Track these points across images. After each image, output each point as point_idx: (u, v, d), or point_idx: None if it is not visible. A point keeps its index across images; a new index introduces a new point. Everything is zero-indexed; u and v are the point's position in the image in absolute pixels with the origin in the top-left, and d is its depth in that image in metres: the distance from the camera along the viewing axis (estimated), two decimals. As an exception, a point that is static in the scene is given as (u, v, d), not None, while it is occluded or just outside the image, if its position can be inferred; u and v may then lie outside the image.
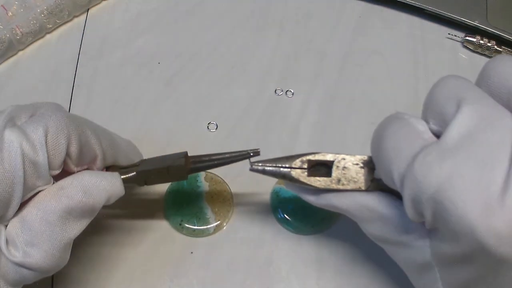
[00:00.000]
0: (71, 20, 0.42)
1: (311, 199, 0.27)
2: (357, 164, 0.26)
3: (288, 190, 0.33)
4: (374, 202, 0.24)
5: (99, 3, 0.43)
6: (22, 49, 0.40)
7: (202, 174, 0.34)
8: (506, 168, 0.18)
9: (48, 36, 0.42)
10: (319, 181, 0.26)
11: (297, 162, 0.27)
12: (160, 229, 0.33)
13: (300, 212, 0.32)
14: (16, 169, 0.23)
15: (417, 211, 0.21)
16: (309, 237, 0.32)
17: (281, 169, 0.27)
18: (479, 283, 0.20)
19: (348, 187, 0.25)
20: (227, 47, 0.40)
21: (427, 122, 0.22)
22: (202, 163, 0.28)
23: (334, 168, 0.26)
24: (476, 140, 0.19)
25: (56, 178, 0.25)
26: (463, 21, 0.41)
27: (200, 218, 0.32)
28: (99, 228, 0.33)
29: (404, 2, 0.42)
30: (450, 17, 0.41)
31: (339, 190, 0.26)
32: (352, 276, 0.31)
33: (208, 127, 0.36)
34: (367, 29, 0.42)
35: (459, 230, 0.18)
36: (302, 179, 0.26)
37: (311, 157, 0.26)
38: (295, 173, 0.26)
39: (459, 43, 0.41)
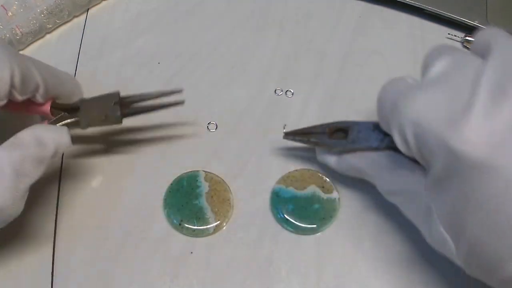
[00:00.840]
0: (71, 20, 0.42)
1: (332, 163, 0.31)
2: (369, 127, 0.30)
3: (288, 190, 0.33)
4: (384, 158, 0.29)
5: (99, 3, 0.43)
6: (22, 49, 0.40)
7: (202, 174, 0.34)
8: (470, 92, 0.21)
9: (48, 36, 0.42)
10: (333, 143, 0.31)
11: (318, 127, 0.32)
12: (160, 229, 0.33)
13: (300, 212, 0.32)
14: None
15: (403, 138, 0.24)
16: (309, 237, 0.32)
17: (307, 134, 0.32)
18: (464, 206, 0.21)
19: (362, 146, 0.30)
20: (227, 47, 0.40)
21: None
22: (135, 108, 0.32)
23: (349, 131, 0.31)
24: (448, 76, 0.23)
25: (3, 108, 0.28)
26: (463, 21, 0.41)
27: (200, 218, 0.32)
28: (98, 228, 0.33)
29: (404, 2, 0.42)
30: (450, 17, 0.41)
31: (354, 149, 0.30)
32: (352, 276, 0.31)
33: (208, 127, 0.36)
34: (367, 29, 0.42)
35: (436, 144, 0.22)
36: (324, 141, 0.31)
37: (332, 124, 0.32)
38: (317, 136, 0.32)
39: (459, 43, 0.41)
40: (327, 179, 0.33)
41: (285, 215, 0.32)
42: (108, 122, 0.32)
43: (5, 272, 0.32)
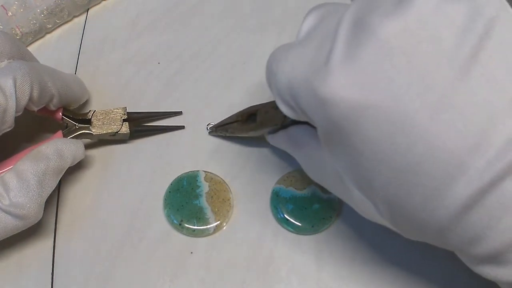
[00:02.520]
0: (71, 20, 0.42)
1: (269, 141, 0.32)
2: (274, 107, 0.30)
3: (288, 190, 0.33)
4: (289, 135, 0.29)
5: (99, 3, 0.43)
6: (22, 49, 0.40)
7: (202, 174, 0.34)
8: (331, 40, 0.21)
9: (48, 36, 0.42)
10: (246, 129, 0.32)
11: (233, 117, 0.33)
12: (160, 229, 0.33)
13: (300, 212, 0.32)
14: None
15: (285, 102, 0.24)
16: (309, 237, 0.32)
17: (224, 126, 0.34)
18: (358, 159, 0.21)
19: (267, 128, 0.31)
20: (227, 47, 0.40)
21: None
22: (142, 128, 0.36)
23: (257, 114, 0.32)
24: (315, 30, 0.23)
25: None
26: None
27: (200, 218, 0.32)
28: (98, 228, 0.33)
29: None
30: None
31: (261, 129, 0.31)
32: (352, 276, 0.31)
33: (207, 127, 0.36)
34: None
35: (309, 100, 0.21)
36: (238, 130, 0.33)
37: (243, 111, 0.33)
38: (232, 126, 0.33)
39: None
40: (327, 179, 0.33)
41: (285, 215, 0.32)
42: (116, 138, 0.35)
43: (5, 271, 0.32)
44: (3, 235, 0.28)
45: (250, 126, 0.32)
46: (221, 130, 0.35)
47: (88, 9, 0.43)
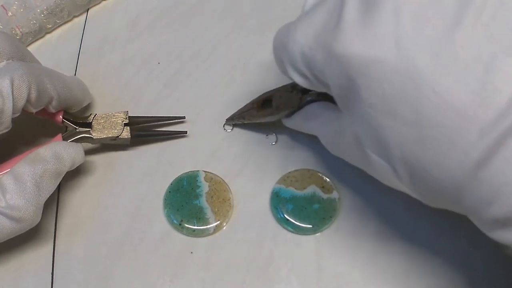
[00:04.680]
0: (71, 20, 0.42)
1: (285, 124, 0.33)
2: (288, 90, 0.31)
3: (288, 190, 0.33)
4: (307, 113, 0.30)
5: (99, 3, 0.43)
6: (22, 49, 0.40)
7: (202, 174, 0.34)
8: (340, 9, 0.22)
9: (48, 36, 0.42)
10: (263, 114, 0.33)
11: (249, 105, 0.34)
12: (160, 229, 0.33)
13: (300, 212, 0.32)
14: None
15: (299, 72, 0.25)
16: (309, 237, 0.32)
17: (241, 114, 0.34)
18: (376, 118, 0.21)
19: (284, 112, 0.31)
20: (227, 47, 0.40)
21: None
22: (143, 133, 0.35)
23: (273, 100, 0.32)
24: (319, 4, 0.24)
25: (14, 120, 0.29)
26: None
27: (200, 218, 0.32)
28: (98, 228, 0.33)
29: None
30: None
31: (278, 113, 0.32)
32: (352, 276, 0.31)
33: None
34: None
35: (323, 61, 0.22)
36: (255, 117, 0.33)
37: (258, 97, 0.33)
38: (249, 113, 0.34)
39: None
40: (327, 179, 0.33)
41: (285, 215, 0.32)
42: (117, 143, 0.35)
43: (5, 272, 0.32)
44: (0, 238, 0.28)
45: (266, 111, 0.33)
46: (238, 118, 0.35)
47: (88, 9, 0.43)
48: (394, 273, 0.31)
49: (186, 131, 0.36)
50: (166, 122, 0.36)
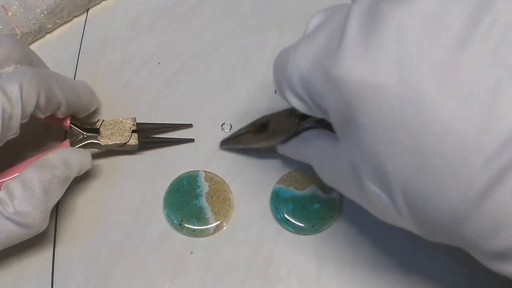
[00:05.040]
0: (71, 20, 0.42)
1: (279, 151, 0.32)
2: (286, 115, 0.30)
3: (288, 190, 0.33)
4: (303, 140, 0.29)
5: (99, 3, 0.43)
6: (22, 49, 0.40)
7: (202, 174, 0.34)
8: (342, 28, 0.21)
9: (48, 36, 0.42)
10: (258, 139, 0.32)
11: (245, 128, 0.33)
12: (160, 229, 0.33)
13: (300, 212, 0.32)
14: None
15: (297, 96, 0.24)
16: (309, 237, 0.32)
17: (236, 138, 0.34)
18: (374, 144, 0.21)
19: (280, 137, 0.30)
20: (227, 47, 0.40)
21: None
22: (151, 139, 0.35)
23: (269, 124, 0.31)
24: (323, 25, 0.23)
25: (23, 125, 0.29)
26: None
27: (200, 218, 0.32)
28: (99, 228, 0.33)
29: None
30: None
31: (274, 138, 0.31)
32: (352, 276, 0.31)
33: (207, 127, 0.36)
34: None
35: (321, 84, 0.22)
36: (246, 142, 0.33)
37: (255, 121, 0.32)
38: (244, 137, 0.33)
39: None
40: (327, 179, 0.33)
41: (285, 215, 0.32)
42: (125, 149, 0.35)
43: (5, 272, 0.32)
44: (7, 243, 0.28)
45: (262, 136, 0.32)
46: (233, 142, 0.34)
47: (88, 9, 0.43)
48: (394, 273, 0.31)
49: (193, 139, 0.36)
50: (174, 129, 0.36)
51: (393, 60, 0.19)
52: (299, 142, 0.30)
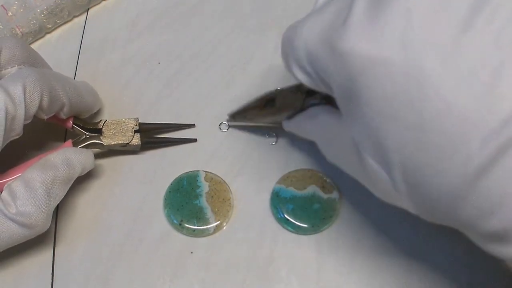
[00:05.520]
0: (71, 20, 0.42)
1: (284, 127, 0.33)
2: (292, 91, 0.30)
3: (288, 190, 0.33)
4: (309, 117, 0.30)
5: (99, 3, 0.43)
6: (22, 49, 0.40)
7: (202, 174, 0.34)
8: (349, 8, 0.22)
9: (48, 36, 0.42)
10: (265, 114, 0.32)
11: (252, 103, 0.33)
12: (160, 229, 0.33)
13: (300, 212, 0.32)
14: (0, 125, 0.27)
15: (302, 69, 0.25)
16: (309, 237, 0.32)
17: (243, 112, 0.33)
18: (376, 119, 0.21)
19: (286, 112, 0.31)
20: (227, 47, 0.40)
21: None
22: (153, 139, 0.35)
23: (276, 100, 0.31)
24: (328, 4, 0.24)
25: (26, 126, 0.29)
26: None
27: (200, 218, 0.32)
28: (99, 228, 0.33)
29: None
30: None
31: (280, 114, 0.32)
32: (352, 276, 0.31)
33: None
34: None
35: (326, 57, 0.22)
36: (253, 116, 0.33)
37: (262, 96, 0.32)
38: (251, 112, 0.33)
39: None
40: (327, 179, 0.33)
41: (285, 215, 0.32)
42: (127, 149, 0.35)
43: (5, 272, 0.32)
44: (9, 244, 0.28)
45: (269, 111, 0.32)
46: (240, 117, 0.34)
47: (88, 9, 0.43)
48: (394, 273, 0.31)
49: (196, 139, 0.36)
50: (176, 129, 0.36)
51: (398, 37, 0.20)
52: (305, 118, 0.30)
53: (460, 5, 0.19)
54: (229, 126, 0.36)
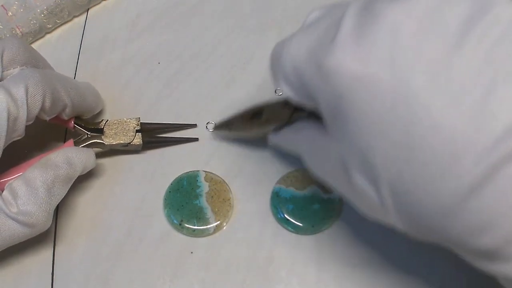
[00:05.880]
0: (71, 20, 0.42)
1: (270, 140, 0.32)
2: (281, 105, 0.30)
3: (288, 190, 0.33)
4: (295, 131, 0.29)
5: (99, 3, 0.43)
6: (22, 49, 0.40)
7: (202, 174, 0.34)
8: (338, 23, 0.22)
9: (48, 36, 0.42)
10: (250, 126, 0.32)
11: (238, 114, 0.33)
12: (160, 229, 0.33)
13: (300, 212, 0.32)
14: (2, 126, 0.27)
15: (289, 83, 0.24)
16: (309, 237, 0.32)
17: (228, 123, 0.34)
18: (362, 136, 0.21)
19: (272, 125, 0.31)
20: (227, 47, 0.40)
21: None
22: (155, 138, 0.35)
23: (263, 113, 0.31)
24: (321, 19, 0.24)
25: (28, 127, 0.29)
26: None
27: (200, 218, 0.32)
28: (99, 228, 0.33)
29: None
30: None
31: (266, 126, 0.31)
32: (352, 276, 0.31)
33: (207, 127, 0.36)
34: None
35: (312, 74, 0.22)
36: (237, 129, 0.33)
37: (249, 109, 0.32)
38: (237, 123, 0.33)
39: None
40: (327, 179, 0.33)
41: (285, 215, 0.32)
42: (129, 149, 0.35)
43: (5, 272, 0.32)
44: (10, 243, 0.28)
45: (255, 123, 0.32)
46: (225, 127, 0.34)
47: (88, 9, 0.43)
48: (394, 273, 0.31)
49: (197, 138, 0.36)
50: (178, 129, 0.36)
51: (386, 54, 0.20)
52: (291, 132, 0.30)
53: (451, 23, 0.19)
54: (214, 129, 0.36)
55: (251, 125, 0.32)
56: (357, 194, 0.23)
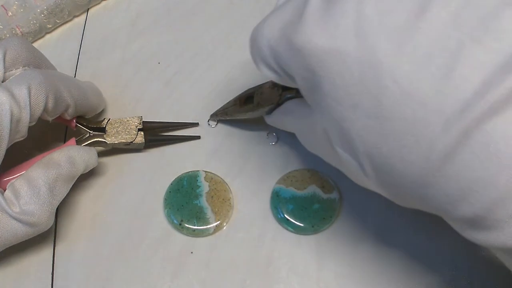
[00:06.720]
0: (71, 20, 0.42)
1: (266, 121, 0.33)
2: (270, 86, 0.31)
3: (288, 190, 0.33)
4: (284, 110, 0.30)
5: (99, 3, 0.43)
6: (22, 49, 0.40)
7: (202, 174, 0.34)
8: (305, 4, 0.22)
9: (48, 36, 0.42)
10: (244, 110, 0.33)
11: (232, 101, 0.35)
12: (160, 229, 0.33)
13: (300, 212, 0.32)
14: (5, 128, 0.27)
15: (267, 64, 0.24)
16: (309, 237, 0.32)
17: (224, 110, 0.35)
18: (337, 109, 0.21)
19: (264, 108, 0.31)
20: (227, 47, 0.40)
21: None
22: (157, 137, 0.36)
23: (254, 96, 0.32)
24: (287, 2, 0.23)
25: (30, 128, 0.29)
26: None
27: (200, 218, 0.32)
28: (99, 228, 0.33)
29: None
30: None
31: (258, 110, 0.32)
32: (352, 276, 0.31)
33: (209, 123, 0.36)
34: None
35: (286, 53, 0.22)
36: (233, 113, 0.34)
37: (241, 94, 0.34)
38: (231, 109, 0.34)
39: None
40: (327, 179, 0.33)
41: (285, 215, 0.32)
42: (131, 147, 0.35)
43: (5, 272, 0.32)
44: (13, 242, 0.28)
45: (248, 107, 0.33)
46: (221, 114, 0.35)
47: (88, 9, 0.43)
48: (394, 273, 0.31)
49: (199, 136, 0.36)
50: (180, 128, 0.36)
51: (351, 27, 0.20)
52: (282, 113, 0.30)
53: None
54: (217, 122, 0.36)
55: (245, 109, 0.33)
56: (344, 166, 0.23)
